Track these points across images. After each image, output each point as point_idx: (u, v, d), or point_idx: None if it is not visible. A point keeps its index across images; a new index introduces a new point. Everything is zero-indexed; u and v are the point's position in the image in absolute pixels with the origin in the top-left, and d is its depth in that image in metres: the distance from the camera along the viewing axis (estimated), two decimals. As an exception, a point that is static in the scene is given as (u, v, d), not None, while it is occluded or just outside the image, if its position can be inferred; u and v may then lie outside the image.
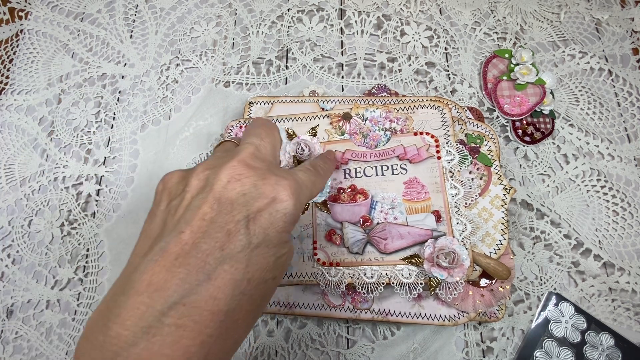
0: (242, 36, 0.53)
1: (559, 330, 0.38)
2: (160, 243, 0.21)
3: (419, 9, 0.53)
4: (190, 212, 0.22)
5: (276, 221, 0.23)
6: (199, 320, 0.19)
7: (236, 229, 0.21)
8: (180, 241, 0.20)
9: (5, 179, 0.46)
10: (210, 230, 0.21)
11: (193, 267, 0.20)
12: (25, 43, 0.53)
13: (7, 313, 0.42)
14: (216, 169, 0.23)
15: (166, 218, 0.23)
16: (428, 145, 0.39)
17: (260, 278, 0.22)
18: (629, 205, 0.43)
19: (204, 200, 0.22)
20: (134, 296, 0.19)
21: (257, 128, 0.29)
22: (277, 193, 0.23)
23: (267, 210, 0.22)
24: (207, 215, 0.21)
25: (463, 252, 0.35)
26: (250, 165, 0.23)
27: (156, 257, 0.20)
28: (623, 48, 0.51)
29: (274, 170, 0.24)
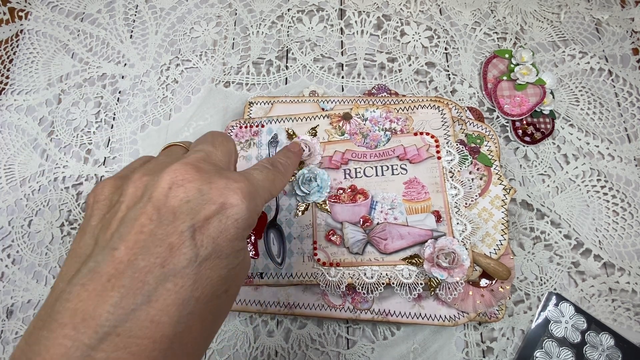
0: (242, 36, 0.53)
1: (559, 331, 0.38)
2: (89, 263, 0.18)
3: (419, 9, 0.53)
4: (125, 226, 0.19)
5: (227, 228, 0.20)
6: (138, 352, 0.16)
7: (180, 241, 0.18)
8: (114, 260, 0.17)
9: (5, 179, 0.46)
10: (149, 244, 0.18)
11: (128, 289, 0.17)
12: (25, 43, 0.53)
13: (7, 313, 0.42)
14: (156, 174, 0.20)
15: (98, 234, 0.20)
16: (428, 145, 0.39)
17: (211, 294, 0.19)
18: (629, 206, 0.43)
19: (141, 211, 0.19)
20: (57, 329, 0.16)
21: (210, 137, 0.25)
22: (227, 198, 0.20)
23: (216, 218, 0.20)
24: (145, 227, 0.18)
25: (463, 252, 0.35)
26: (196, 168, 0.21)
27: (83, 281, 0.17)
28: (623, 48, 0.51)
29: (223, 173, 0.22)
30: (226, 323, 0.40)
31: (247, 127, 0.43)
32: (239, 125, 0.43)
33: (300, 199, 0.39)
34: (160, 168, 0.21)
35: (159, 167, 0.21)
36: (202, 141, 0.25)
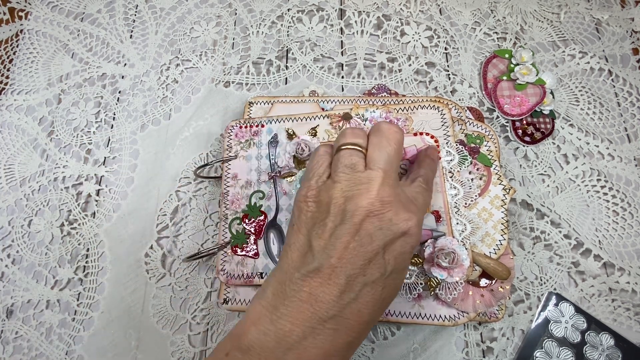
0: (242, 36, 0.53)
1: (559, 331, 0.38)
2: (314, 263, 0.25)
3: (419, 9, 0.53)
4: (334, 240, 0.25)
5: (405, 252, 0.27)
6: (349, 327, 0.25)
7: (375, 258, 0.25)
8: (330, 265, 0.25)
9: (5, 179, 0.46)
10: (354, 258, 0.25)
11: (345, 287, 0.24)
12: (25, 43, 0.53)
13: (7, 313, 0.42)
14: (354, 200, 0.26)
15: (311, 238, 0.26)
16: (428, 145, 0.39)
17: (390, 295, 0.27)
18: (629, 205, 0.43)
19: (347, 232, 0.25)
20: (299, 302, 0.24)
21: (385, 140, 0.29)
22: (408, 228, 0.26)
23: (399, 242, 0.26)
24: (350, 244, 0.25)
25: (463, 252, 0.35)
26: (384, 202, 0.26)
27: (311, 274, 0.25)
28: (623, 48, 0.51)
29: (404, 201, 0.27)
30: (226, 323, 0.41)
31: (247, 127, 0.43)
32: (239, 125, 0.43)
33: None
34: (355, 194, 0.26)
35: (353, 192, 0.27)
36: (378, 146, 0.29)
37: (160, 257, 0.43)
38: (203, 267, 0.42)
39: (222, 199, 0.41)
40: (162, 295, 0.41)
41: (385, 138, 0.29)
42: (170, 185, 0.45)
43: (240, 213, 0.40)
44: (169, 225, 0.44)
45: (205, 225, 0.44)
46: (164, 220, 0.44)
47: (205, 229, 0.44)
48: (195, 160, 0.46)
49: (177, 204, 0.45)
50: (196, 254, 0.39)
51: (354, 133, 0.30)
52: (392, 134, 0.29)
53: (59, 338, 0.41)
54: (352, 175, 0.27)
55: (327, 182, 0.28)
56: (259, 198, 0.40)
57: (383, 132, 0.29)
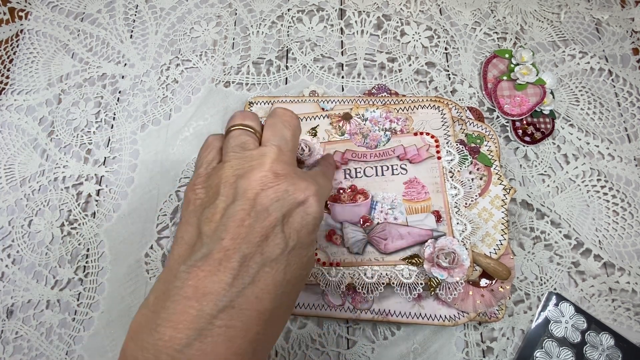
0: (242, 36, 0.53)
1: (559, 330, 0.38)
2: (202, 249, 0.22)
3: (419, 9, 0.53)
4: (227, 219, 0.22)
5: (307, 224, 0.24)
6: (247, 320, 0.21)
7: (273, 233, 0.23)
8: (222, 247, 0.21)
9: (5, 179, 0.46)
10: (249, 236, 0.22)
11: (238, 271, 0.21)
12: (25, 43, 0.53)
13: (7, 313, 0.42)
14: (246, 175, 0.24)
15: (200, 225, 0.23)
16: (428, 145, 0.39)
17: (297, 276, 0.24)
18: (629, 205, 0.43)
19: (240, 208, 0.23)
20: (183, 301, 0.20)
21: (280, 121, 0.28)
22: (307, 197, 0.24)
23: (299, 214, 0.24)
24: (244, 221, 0.22)
25: (463, 252, 0.35)
26: (278, 174, 0.24)
27: (199, 264, 0.21)
28: (623, 48, 0.51)
29: (300, 174, 0.26)
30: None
31: (247, 127, 0.43)
32: (239, 125, 0.43)
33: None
34: (247, 170, 0.24)
35: (245, 169, 0.25)
36: (272, 126, 0.28)
37: (160, 257, 0.43)
38: (203, 267, 0.42)
39: (222, 199, 0.41)
40: (162, 295, 0.41)
41: (280, 120, 0.28)
42: (170, 185, 0.45)
43: (241, 213, 0.40)
44: (169, 225, 0.44)
45: (205, 225, 0.44)
46: (164, 220, 0.44)
47: (205, 229, 0.44)
48: (195, 160, 0.46)
49: (177, 204, 0.45)
50: (196, 254, 0.39)
51: (244, 115, 0.29)
52: (288, 118, 0.29)
53: (59, 338, 0.41)
54: (242, 154, 0.26)
55: (216, 167, 0.26)
56: (259, 198, 0.40)
57: (279, 115, 0.29)
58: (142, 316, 0.22)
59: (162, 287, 0.22)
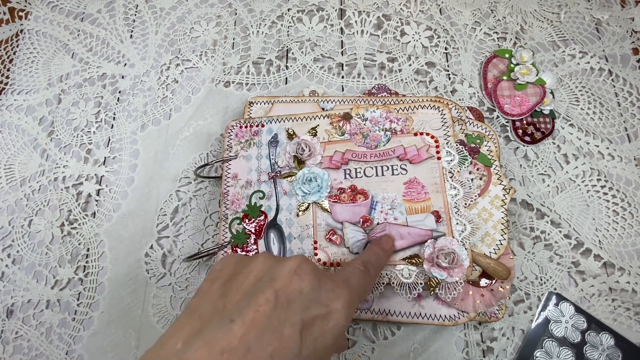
0: (242, 36, 0.53)
1: (559, 330, 0.38)
2: (207, 331, 0.19)
3: (419, 9, 0.53)
4: (245, 300, 0.21)
5: (326, 334, 0.22)
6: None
7: (290, 334, 0.20)
8: (230, 333, 0.19)
9: (5, 179, 0.46)
10: (264, 328, 0.20)
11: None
12: (25, 43, 0.53)
13: (7, 313, 0.42)
14: (280, 261, 0.23)
15: (217, 300, 0.22)
16: (428, 145, 0.39)
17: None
18: (629, 205, 0.43)
19: (262, 289, 0.21)
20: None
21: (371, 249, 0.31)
22: (332, 302, 0.22)
23: (321, 320, 0.22)
24: (261, 307, 0.20)
25: (462, 252, 0.35)
26: (312, 264, 0.23)
27: (198, 345, 0.19)
28: (623, 48, 0.51)
29: (330, 275, 0.24)
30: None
31: (247, 127, 0.43)
32: (239, 125, 0.43)
33: (301, 199, 0.39)
34: (282, 258, 0.24)
35: (280, 258, 0.24)
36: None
37: (160, 257, 0.43)
38: (203, 267, 0.42)
39: (222, 198, 0.41)
40: (162, 295, 0.41)
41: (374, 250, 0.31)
42: (171, 185, 0.45)
43: (241, 213, 0.40)
44: (169, 225, 0.44)
45: (205, 225, 0.44)
46: (164, 220, 0.44)
47: (205, 229, 0.44)
48: (195, 160, 0.46)
49: (177, 203, 0.45)
50: (196, 254, 0.39)
51: None
52: (382, 253, 0.31)
53: (59, 338, 0.41)
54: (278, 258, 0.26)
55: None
56: (259, 198, 0.40)
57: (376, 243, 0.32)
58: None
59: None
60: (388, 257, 0.34)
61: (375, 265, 0.31)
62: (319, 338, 0.21)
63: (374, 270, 0.30)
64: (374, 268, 0.30)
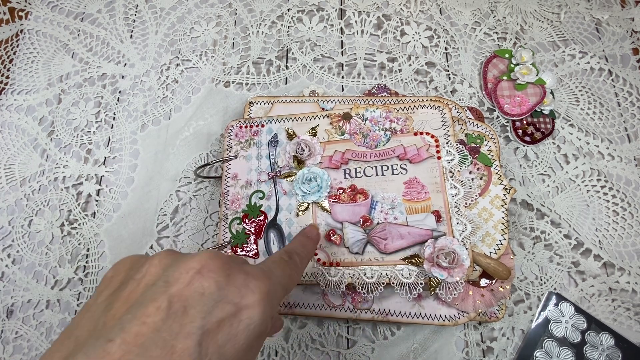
0: (242, 36, 0.53)
1: (559, 330, 0.38)
2: (79, 354, 0.16)
3: (419, 9, 0.53)
4: (132, 312, 0.17)
5: (237, 335, 0.18)
6: None
7: (184, 347, 0.16)
8: (104, 356, 0.15)
9: (5, 179, 0.46)
10: (150, 345, 0.16)
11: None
12: (25, 43, 0.53)
13: (7, 313, 0.42)
14: (180, 258, 0.19)
15: (99, 316, 0.18)
16: (428, 145, 0.39)
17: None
18: (629, 205, 0.43)
19: (153, 297, 0.17)
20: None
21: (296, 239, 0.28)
22: (244, 298, 0.19)
23: (229, 322, 0.18)
24: (149, 318, 0.17)
25: (463, 252, 0.35)
26: (218, 257, 0.19)
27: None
28: (623, 48, 0.51)
29: (243, 266, 0.20)
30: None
31: (247, 127, 0.43)
32: (239, 125, 0.43)
33: (300, 199, 0.39)
34: (185, 255, 0.20)
35: (184, 255, 0.20)
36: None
37: (160, 257, 0.43)
38: (203, 267, 0.42)
39: (222, 199, 0.41)
40: (162, 295, 0.41)
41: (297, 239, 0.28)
42: (171, 185, 0.45)
43: (240, 213, 0.40)
44: (169, 225, 0.44)
45: (205, 225, 0.44)
46: (164, 220, 0.44)
47: (205, 229, 0.44)
48: (195, 160, 0.46)
49: (177, 203, 0.45)
50: (196, 254, 0.39)
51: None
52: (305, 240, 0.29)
53: (59, 338, 0.41)
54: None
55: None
56: (259, 198, 0.40)
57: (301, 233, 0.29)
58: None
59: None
60: (314, 245, 0.32)
61: (301, 253, 0.29)
62: (227, 344, 0.18)
63: (299, 259, 0.28)
64: (300, 257, 0.28)
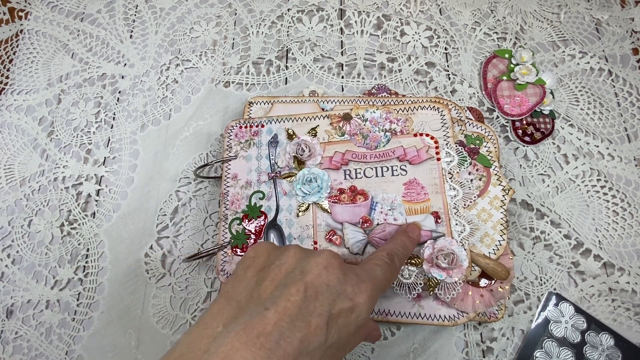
0: (242, 36, 0.53)
1: (559, 331, 0.38)
2: (245, 316, 0.22)
3: (419, 9, 0.53)
4: (278, 290, 0.23)
5: (349, 324, 0.24)
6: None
7: (317, 323, 0.22)
8: (264, 319, 0.21)
9: (5, 179, 0.46)
10: (295, 317, 0.22)
11: (273, 352, 0.20)
12: (25, 43, 0.53)
13: (7, 313, 0.42)
14: (309, 254, 0.25)
15: (253, 288, 0.24)
16: (428, 146, 0.39)
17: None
18: (629, 205, 0.43)
19: (293, 281, 0.23)
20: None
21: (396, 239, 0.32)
22: (356, 296, 0.24)
23: (345, 313, 0.24)
24: (292, 297, 0.22)
25: (462, 253, 0.35)
26: (337, 257, 0.25)
27: (237, 329, 0.21)
28: (623, 48, 0.50)
29: (354, 269, 0.26)
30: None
31: (247, 127, 0.43)
32: (239, 125, 0.43)
33: (301, 199, 0.39)
34: (311, 252, 0.26)
35: (312, 251, 0.26)
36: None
37: (160, 257, 0.43)
38: (203, 267, 0.42)
39: (222, 199, 0.41)
40: (162, 295, 0.41)
41: (398, 239, 0.33)
42: (170, 185, 0.45)
43: (240, 213, 0.40)
44: (169, 225, 0.44)
45: (205, 225, 0.44)
46: (164, 220, 0.44)
47: (205, 229, 0.44)
48: (195, 160, 0.46)
49: (177, 204, 0.45)
50: (196, 254, 0.39)
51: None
52: (408, 242, 0.33)
53: (59, 338, 0.41)
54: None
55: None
56: (259, 198, 0.40)
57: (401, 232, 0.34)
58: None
59: (198, 344, 0.21)
60: (414, 246, 0.35)
61: (401, 255, 0.32)
62: (343, 329, 0.23)
63: (399, 261, 0.31)
64: (399, 258, 0.31)
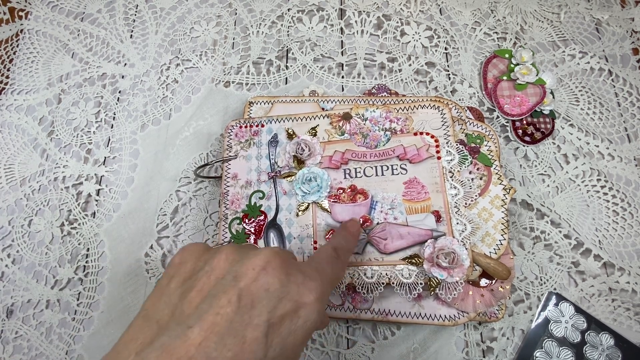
0: (242, 36, 0.53)
1: (559, 330, 0.38)
2: (162, 337, 0.18)
3: (419, 9, 0.53)
4: (206, 303, 0.19)
5: (296, 330, 0.20)
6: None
7: (254, 337, 0.19)
8: (186, 340, 0.18)
9: (5, 179, 0.46)
10: (225, 333, 0.18)
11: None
12: (25, 43, 0.53)
13: (7, 313, 0.42)
14: (246, 255, 0.21)
15: (176, 303, 0.20)
16: (428, 145, 0.39)
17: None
18: (629, 205, 0.43)
19: (224, 290, 0.19)
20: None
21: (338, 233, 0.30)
22: (302, 297, 0.21)
23: (290, 318, 0.20)
24: (222, 309, 0.19)
25: (463, 252, 0.35)
26: (279, 255, 0.22)
27: (152, 356, 0.17)
28: (623, 48, 0.51)
29: (300, 266, 0.23)
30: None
31: (247, 126, 0.43)
32: (239, 125, 0.43)
33: (300, 199, 0.39)
34: (247, 251, 0.22)
35: (248, 250, 0.22)
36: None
37: (160, 257, 0.43)
38: (203, 267, 0.42)
39: (222, 198, 0.41)
40: (162, 295, 0.41)
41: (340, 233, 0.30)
42: (170, 185, 0.45)
43: (240, 213, 0.40)
44: (169, 225, 0.44)
45: (205, 225, 0.44)
46: (164, 220, 0.44)
47: (205, 229, 0.44)
48: (195, 160, 0.46)
49: (177, 203, 0.45)
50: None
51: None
52: (349, 234, 0.31)
53: (59, 338, 0.41)
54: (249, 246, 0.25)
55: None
56: (258, 198, 0.40)
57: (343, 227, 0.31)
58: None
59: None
60: (356, 240, 0.34)
61: (345, 249, 0.30)
62: (288, 337, 0.20)
63: (344, 255, 0.29)
64: (344, 253, 0.30)
